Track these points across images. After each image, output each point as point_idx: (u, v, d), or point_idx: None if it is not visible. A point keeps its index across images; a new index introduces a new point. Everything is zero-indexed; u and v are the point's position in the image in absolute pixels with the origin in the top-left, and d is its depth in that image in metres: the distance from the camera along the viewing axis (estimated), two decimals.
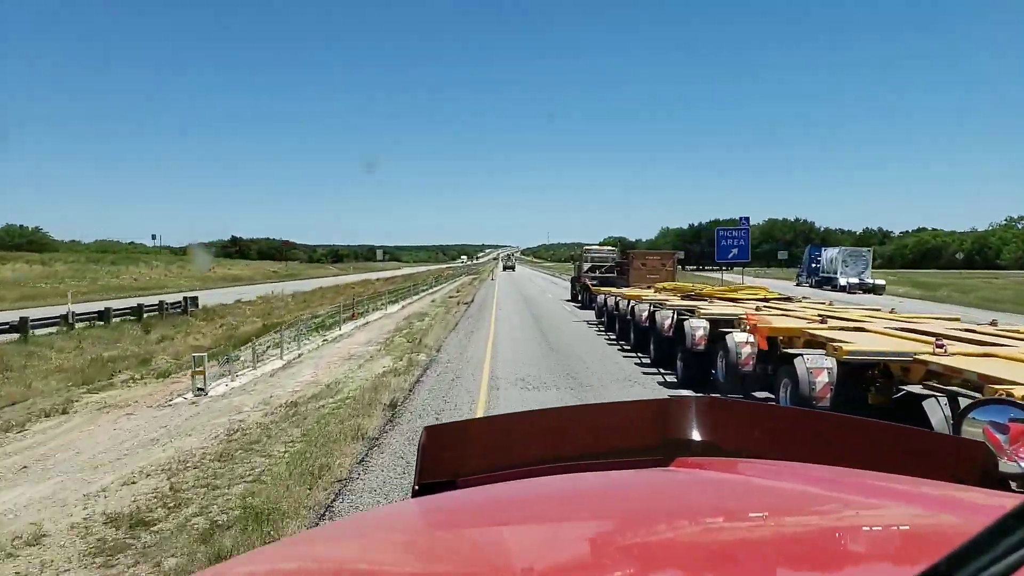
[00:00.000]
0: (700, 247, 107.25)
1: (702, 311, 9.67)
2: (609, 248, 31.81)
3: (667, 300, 12.59)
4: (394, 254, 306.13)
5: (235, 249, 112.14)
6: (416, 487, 1.22)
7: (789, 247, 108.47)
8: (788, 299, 13.30)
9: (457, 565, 0.80)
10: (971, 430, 2.84)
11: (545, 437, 1.36)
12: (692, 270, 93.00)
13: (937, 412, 4.67)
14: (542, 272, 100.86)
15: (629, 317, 13.97)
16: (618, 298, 16.02)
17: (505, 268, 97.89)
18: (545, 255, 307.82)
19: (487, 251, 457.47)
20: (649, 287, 19.23)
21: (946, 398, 4.76)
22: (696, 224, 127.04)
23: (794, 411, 1.68)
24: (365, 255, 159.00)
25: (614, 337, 15.83)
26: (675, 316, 10.58)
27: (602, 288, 21.02)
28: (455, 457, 1.31)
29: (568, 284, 34.22)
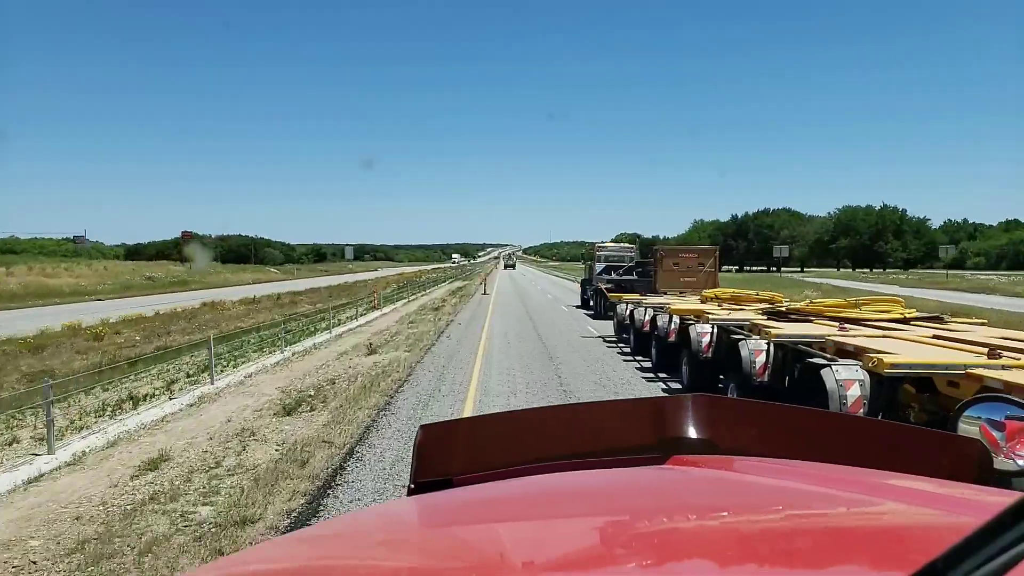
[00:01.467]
0: (746, 243, 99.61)
1: (884, 358, 5.45)
2: (626, 246, 28.59)
3: (758, 322, 8.44)
4: (388, 253, 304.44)
5: (177, 251, 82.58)
6: (412, 485, 1.32)
7: (875, 241, 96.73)
8: (938, 319, 9.10)
9: (453, 563, 0.83)
10: (967, 427, 2.83)
11: (542, 435, 1.44)
12: (733, 270, 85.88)
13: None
14: (547, 274, 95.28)
15: (673, 339, 10.84)
16: (656, 311, 12.40)
17: (506, 267, 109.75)
18: (549, 253, 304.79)
19: (488, 250, 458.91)
20: (682, 293, 16.57)
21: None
22: (739, 216, 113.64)
23: (790, 409, 1.57)
24: (355, 254, 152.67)
25: (648, 366, 12.73)
26: (772, 349, 7.23)
27: (623, 295, 17.50)
28: (451, 455, 1.39)
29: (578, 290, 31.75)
